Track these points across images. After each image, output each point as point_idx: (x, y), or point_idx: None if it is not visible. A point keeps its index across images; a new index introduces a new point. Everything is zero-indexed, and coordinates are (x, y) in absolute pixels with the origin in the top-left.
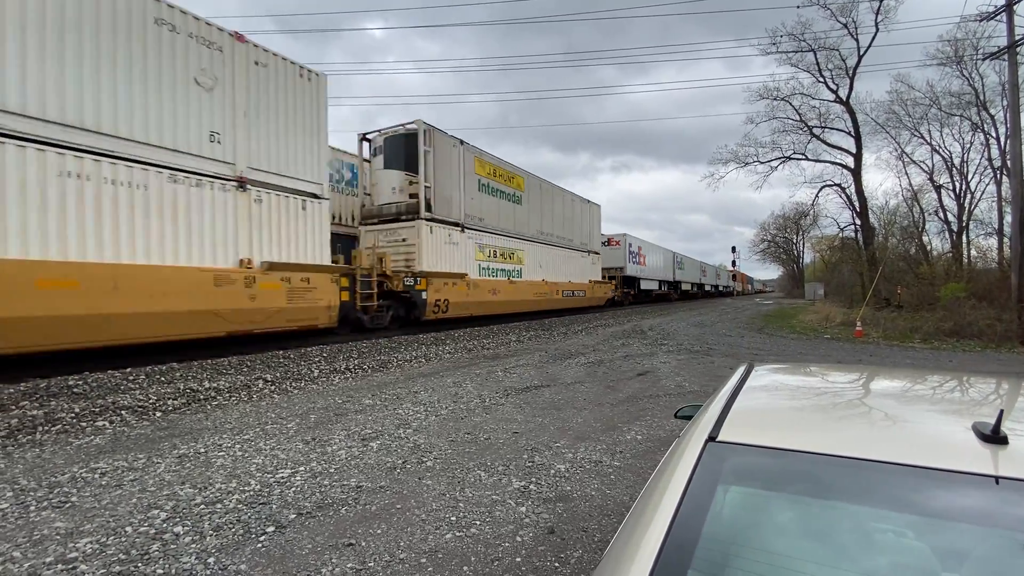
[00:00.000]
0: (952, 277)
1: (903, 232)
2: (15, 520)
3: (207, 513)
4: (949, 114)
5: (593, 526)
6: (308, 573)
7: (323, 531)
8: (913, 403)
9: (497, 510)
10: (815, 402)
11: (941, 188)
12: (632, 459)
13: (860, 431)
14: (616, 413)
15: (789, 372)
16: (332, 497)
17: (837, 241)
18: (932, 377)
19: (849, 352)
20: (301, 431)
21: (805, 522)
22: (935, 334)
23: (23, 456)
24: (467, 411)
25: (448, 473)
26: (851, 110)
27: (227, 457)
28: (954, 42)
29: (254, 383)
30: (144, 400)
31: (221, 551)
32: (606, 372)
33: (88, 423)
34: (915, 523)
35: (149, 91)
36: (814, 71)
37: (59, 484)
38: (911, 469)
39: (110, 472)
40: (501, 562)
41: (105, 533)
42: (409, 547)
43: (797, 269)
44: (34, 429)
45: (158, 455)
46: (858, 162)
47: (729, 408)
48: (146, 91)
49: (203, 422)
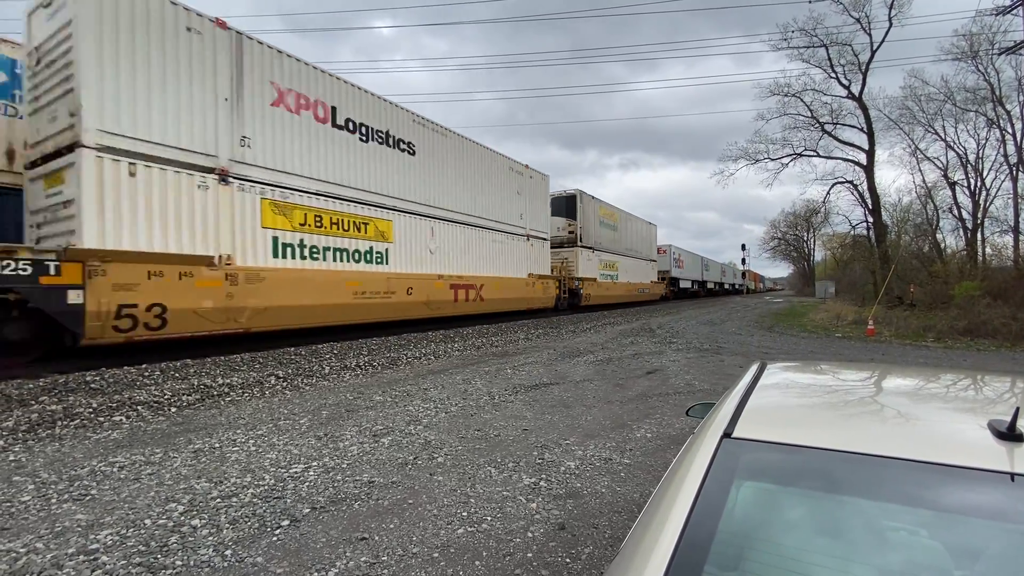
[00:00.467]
0: (966, 275)
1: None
2: (37, 512)
3: (223, 507)
4: (964, 110)
5: (604, 523)
6: (323, 566)
7: (337, 525)
8: (927, 401)
9: (508, 506)
10: (829, 399)
11: (956, 185)
12: (642, 457)
13: (874, 428)
14: (625, 411)
15: (802, 370)
16: (345, 492)
17: (849, 239)
18: (946, 375)
19: (861, 351)
20: (313, 427)
21: (820, 518)
22: (949, 333)
23: (43, 450)
24: (477, 408)
25: (459, 469)
26: (864, 106)
27: (241, 452)
28: (969, 36)
29: (266, 379)
30: (159, 396)
31: (238, 544)
32: (615, 370)
33: (105, 418)
34: (929, 519)
35: (500, 198)
36: (826, 67)
37: (79, 477)
38: (926, 466)
39: (128, 466)
40: (513, 557)
41: (125, 525)
42: (422, 541)
43: (808, 267)
44: (53, 424)
45: (174, 450)
46: (871, 159)
47: (743, 405)
48: (499, 198)
49: (217, 418)
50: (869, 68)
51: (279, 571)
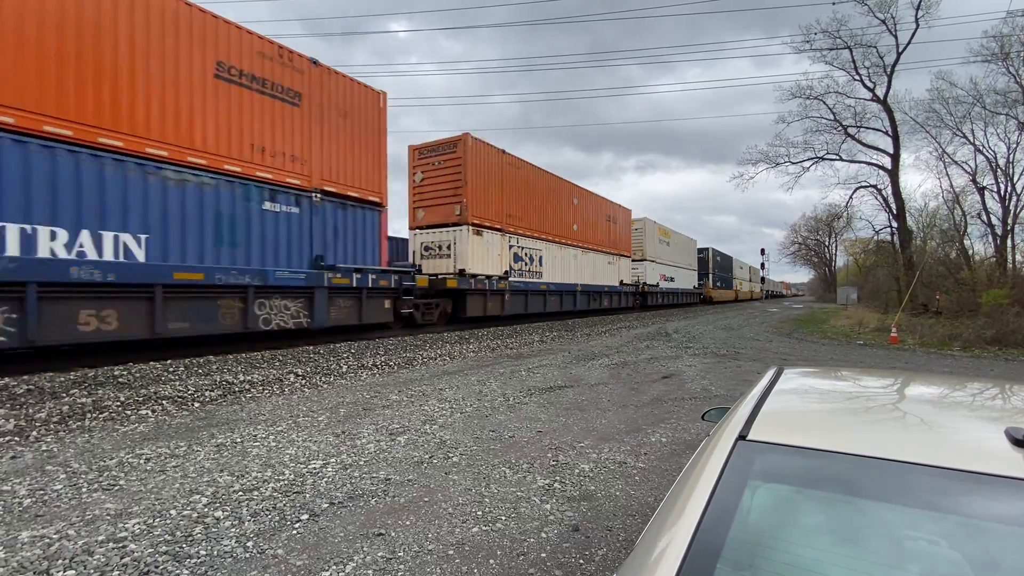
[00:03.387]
0: (995, 283)
1: (943, 236)
2: (68, 500)
3: (245, 500)
4: (994, 113)
5: (618, 525)
6: (341, 560)
7: (354, 520)
8: (946, 408)
9: (522, 506)
10: (846, 405)
11: (984, 190)
12: (657, 461)
13: (891, 433)
14: (640, 415)
15: (820, 375)
16: (362, 488)
17: (872, 244)
18: (966, 382)
19: (883, 359)
20: (331, 424)
21: (834, 521)
22: (976, 342)
23: (74, 441)
24: (491, 409)
25: (473, 469)
26: (889, 109)
27: (262, 447)
28: (1000, 38)
29: (286, 377)
30: (183, 391)
31: (259, 536)
32: (630, 374)
33: (132, 411)
34: (943, 524)
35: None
36: (850, 69)
37: (108, 468)
38: (941, 471)
39: (154, 458)
40: (527, 557)
41: (151, 515)
42: (437, 539)
43: (829, 273)
44: (83, 416)
45: (197, 443)
46: (895, 163)
47: (759, 408)
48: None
49: (238, 413)
50: (895, 70)
51: (299, 564)
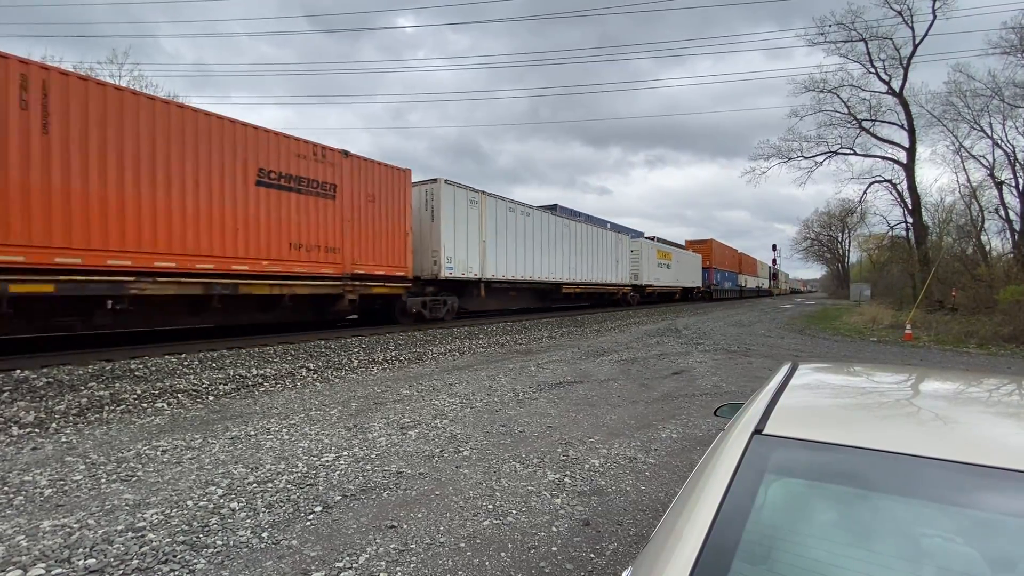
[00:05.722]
0: (1013, 279)
1: (959, 231)
2: (88, 491)
3: (259, 491)
4: (1013, 106)
5: (628, 520)
6: (354, 551)
7: (367, 513)
8: (963, 403)
9: (533, 500)
10: (861, 400)
11: (1003, 184)
12: (667, 457)
13: (908, 428)
14: (651, 411)
15: (835, 371)
16: (374, 481)
17: (886, 240)
18: (983, 378)
19: (897, 356)
20: (343, 418)
21: (850, 516)
22: (992, 339)
23: (92, 433)
24: (501, 404)
25: (484, 463)
26: (904, 102)
27: (275, 440)
28: (1019, 29)
29: (298, 371)
30: (198, 384)
31: (274, 527)
32: (640, 370)
33: (148, 404)
34: (960, 520)
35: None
36: (865, 61)
37: (126, 459)
38: (957, 466)
39: (170, 450)
40: (538, 550)
41: (169, 505)
42: (448, 531)
43: (842, 268)
44: (101, 408)
45: (212, 436)
46: (911, 157)
47: (775, 403)
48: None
49: (252, 407)
50: (911, 63)
51: (313, 554)
